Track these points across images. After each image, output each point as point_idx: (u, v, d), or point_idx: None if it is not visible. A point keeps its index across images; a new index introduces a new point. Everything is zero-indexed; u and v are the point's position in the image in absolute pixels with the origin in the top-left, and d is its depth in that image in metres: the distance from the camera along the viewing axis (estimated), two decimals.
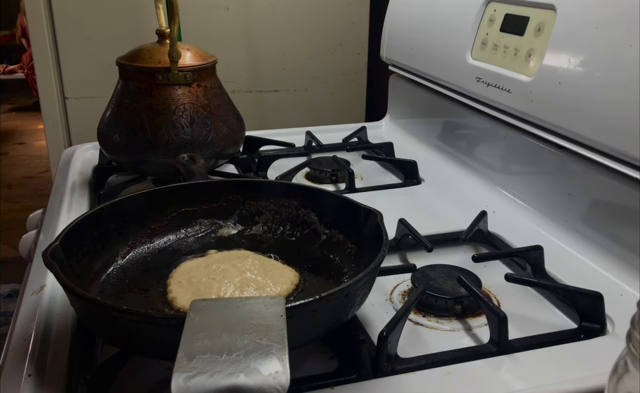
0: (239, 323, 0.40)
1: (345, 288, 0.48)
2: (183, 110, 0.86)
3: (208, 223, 0.70)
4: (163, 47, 0.87)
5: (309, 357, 0.54)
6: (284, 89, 1.66)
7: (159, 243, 0.67)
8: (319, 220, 0.68)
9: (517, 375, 0.51)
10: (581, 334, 0.57)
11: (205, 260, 0.62)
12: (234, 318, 0.41)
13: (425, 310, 0.61)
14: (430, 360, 0.53)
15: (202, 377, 0.35)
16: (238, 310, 0.42)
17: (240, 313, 0.41)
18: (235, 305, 0.43)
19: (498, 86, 0.84)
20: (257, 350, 0.37)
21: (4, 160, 3.78)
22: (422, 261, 0.67)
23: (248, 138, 1.02)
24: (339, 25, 1.65)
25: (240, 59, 1.59)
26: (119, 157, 0.89)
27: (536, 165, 0.80)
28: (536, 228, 0.76)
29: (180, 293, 0.56)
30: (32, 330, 0.56)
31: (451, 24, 0.97)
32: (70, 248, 0.56)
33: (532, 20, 0.80)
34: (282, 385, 0.35)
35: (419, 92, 1.10)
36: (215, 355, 0.37)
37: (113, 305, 0.47)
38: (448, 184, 0.93)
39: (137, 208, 0.66)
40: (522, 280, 0.63)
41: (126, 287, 0.59)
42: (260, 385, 0.35)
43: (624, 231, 0.65)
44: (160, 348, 0.45)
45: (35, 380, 0.49)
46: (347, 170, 0.92)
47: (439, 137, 1.05)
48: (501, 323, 0.53)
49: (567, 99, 0.71)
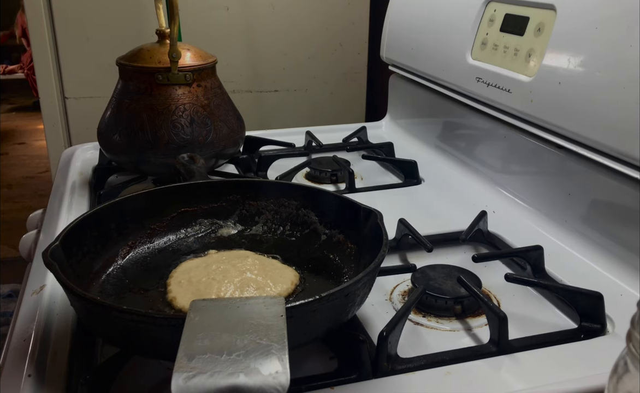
0: (239, 323, 0.40)
1: (345, 288, 0.48)
2: (183, 110, 0.86)
3: (208, 223, 0.70)
4: (163, 47, 0.87)
5: (309, 357, 0.54)
6: (284, 89, 1.66)
7: (159, 244, 0.67)
8: (319, 220, 0.68)
9: (517, 375, 0.51)
10: (581, 334, 0.57)
11: (205, 260, 0.62)
12: (234, 318, 0.41)
13: (425, 310, 0.61)
14: (430, 360, 0.53)
15: (202, 377, 0.35)
16: (238, 310, 0.42)
17: (240, 313, 0.41)
18: (235, 305, 0.43)
19: (498, 86, 0.84)
20: (257, 350, 0.37)
21: (4, 160, 3.78)
22: (422, 261, 0.67)
23: (248, 138, 1.02)
24: (339, 25, 1.65)
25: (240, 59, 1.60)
26: (119, 157, 0.89)
27: (536, 165, 0.80)
28: (536, 228, 0.76)
29: (180, 293, 0.56)
30: (32, 330, 0.56)
31: (451, 24, 0.97)
32: (70, 248, 0.56)
33: (532, 20, 0.80)
34: (282, 385, 0.35)
35: (419, 92, 1.10)
36: (215, 355, 0.37)
37: (113, 305, 0.47)
38: (448, 184, 0.93)
39: (137, 208, 0.66)
40: (522, 280, 0.63)
41: (126, 287, 0.59)
42: (260, 385, 0.35)
43: (624, 231, 0.65)
44: (160, 349, 0.45)
45: (35, 380, 0.49)
46: (347, 170, 0.92)
47: (439, 137, 1.05)
48: (501, 323, 0.53)
49: (567, 99, 0.71)
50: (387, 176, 1.00)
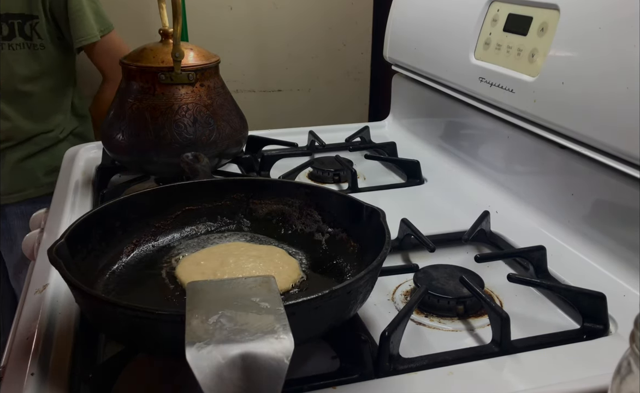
0: (237, 299, 0.42)
1: (348, 285, 0.48)
2: (186, 109, 0.86)
3: (212, 221, 0.70)
4: (166, 47, 0.87)
5: (311, 357, 0.54)
6: (287, 89, 1.66)
7: (164, 241, 0.67)
8: (322, 218, 0.68)
9: (520, 375, 0.51)
10: (584, 335, 0.57)
11: (210, 251, 0.64)
12: (231, 295, 0.43)
13: (427, 310, 0.61)
14: (433, 360, 0.53)
15: (214, 346, 0.37)
16: (233, 289, 0.44)
17: (237, 291, 0.43)
18: (230, 285, 0.45)
19: (501, 86, 0.83)
20: (259, 321, 0.39)
21: None
22: (424, 261, 0.67)
23: (251, 137, 1.02)
24: (342, 24, 1.65)
25: (243, 59, 1.60)
26: (122, 157, 0.89)
27: (539, 165, 0.80)
28: (539, 228, 0.76)
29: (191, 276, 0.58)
30: (35, 329, 0.56)
31: (454, 24, 0.97)
32: (75, 245, 0.56)
33: (535, 20, 0.80)
34: (288, 349, 0.37)
35: (422, 92, 1.10)
36: (222, 327, 0.39)
37: (118, 301, 0.47)
38: (451, 184, 0.93)
39: (141, 206, 0.66)
40: (524, 281, 0.63)
41: (131, 285, 0.60)
42: (267, 352, 0.37)
43: (627, 232, 0.65)
44: (165, 345, 0.46)
45: (38, 379, 0.50)
46: (349, 170, 0.92)
47: (442, 137, 1.05)
48: (503, 324, 0.53)
49: (571, 98, 0.71)
50: (390, 176, 1.00)
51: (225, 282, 0.46)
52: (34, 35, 1.31)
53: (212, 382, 0.35)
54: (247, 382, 0.35)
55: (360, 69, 1.70)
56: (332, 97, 1.70)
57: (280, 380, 0.36)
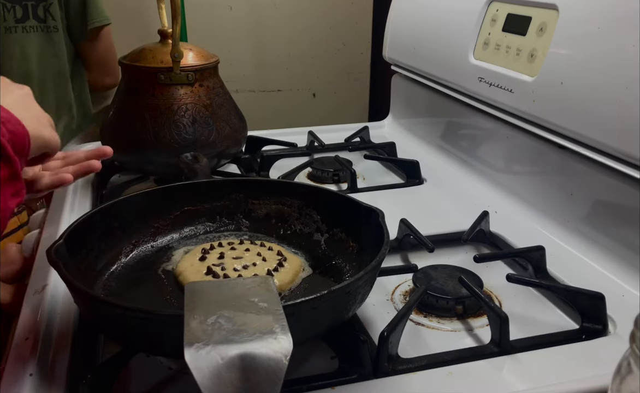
0: (236, 300, 0.42)
1: (346, 286, 0.48)
2: (185, 110, 0.86)
3: (211, 221, 0.70)
4: (165, 47, 0.87)
5: (310, 357, 0.54)
6: (286, 89, 1.66)
7: (163, 242, 0.67)
8: (321, 218, 0.68)
9: (519, 375, 0.51)
10: (583, 335, 0.57)
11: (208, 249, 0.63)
12: (230, 295, 0.43)
13: (426, 310, 0.61)
14: (432, 360, 0.53)
15: (213, 346, 0.37)
16: (232, 290, 0.44)
17: (235, 292, 0.43)
18: (228, 286, 0.45)
19: (500, 86, 0.84)
20: (257, 321, 0.39)
21: None
22: (423, 261, 0.67)
23: (250, 138, 1.02)
24: (342, 24, 1.65)
25: (243, 59, 1.60)
26: (121, 157, 0.89)
27: (538, 165, 0.80)
28: (538, 228, 0.76)
29: (192, 274, 0.58)
30: (34, 329, 0.56)
31: (453, 24, 0.97)
32: (74, 246, 0.56)
33: (534, 20, 0.80)
34: (287, 349, 0.37)
35: (422, 92, 1.10)
36: (221, 328, 0.39)
37: (117, 302, 0.47)
38: (450, 184, 0.93)
39: (140, 207, 0.66)
40: (523, 281, 0.63)
41: (130, 285, 0.60)
42: (266, 352, 0.36)
43: (626, 232, 0.65)
44: (164, 345, 0.46)
45: (37, 379, 0.50)
46: (349, 170, 0.92)
47: (441, 137, 1.05)
48: (502, 324, 0.53)
49: (570, 98, 0.71)
50: (389, 176, 1.00)
51: (224, 282, 0.46)
52: (47, 17, 1.30)
53: (210, 382, 0.35)
54: (246, 382, 0.35)
55: (359, 69, 1.70)
56: (331, 97, 1.70)
57: (279, 381, 0.36)
